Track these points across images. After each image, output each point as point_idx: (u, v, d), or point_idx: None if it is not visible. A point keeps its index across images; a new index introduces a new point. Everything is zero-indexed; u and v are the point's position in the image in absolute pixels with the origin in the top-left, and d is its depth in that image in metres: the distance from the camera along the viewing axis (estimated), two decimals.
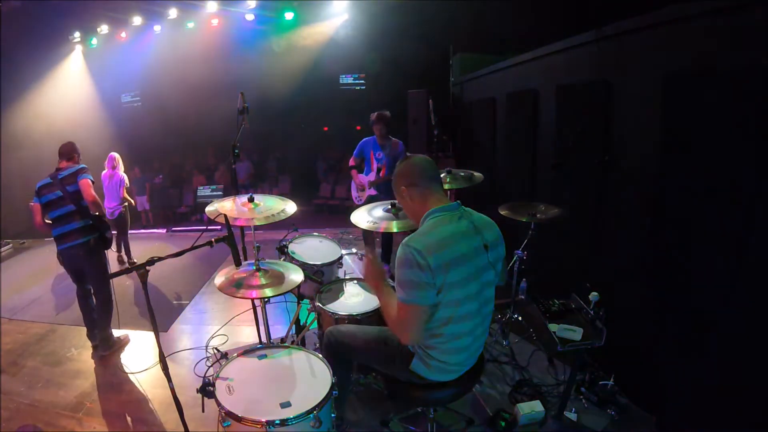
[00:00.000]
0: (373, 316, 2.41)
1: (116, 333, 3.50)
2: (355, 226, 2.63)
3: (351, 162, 4.39)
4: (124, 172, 5.42)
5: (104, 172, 5.33)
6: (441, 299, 1.56)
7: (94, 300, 3.36)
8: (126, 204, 5.36)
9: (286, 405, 1.70)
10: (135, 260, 5.68)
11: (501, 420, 2.42)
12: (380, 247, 4.55)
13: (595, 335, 2.25)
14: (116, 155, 5.39)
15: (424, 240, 1.55)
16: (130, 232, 5.70)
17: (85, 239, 3.12)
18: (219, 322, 3.78)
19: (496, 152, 4.85)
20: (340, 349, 1.97)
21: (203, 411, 1.78)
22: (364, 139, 4.27)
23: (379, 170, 4.15)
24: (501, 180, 4.50)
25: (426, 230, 1.61)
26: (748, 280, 1.88)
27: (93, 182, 3.20)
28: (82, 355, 3.39)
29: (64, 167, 3.23)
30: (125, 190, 5.33)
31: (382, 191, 4.15)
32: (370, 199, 4.13)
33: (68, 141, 3.40)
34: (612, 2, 2.91)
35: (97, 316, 3.33)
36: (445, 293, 1.55)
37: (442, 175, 2.73)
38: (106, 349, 3.34)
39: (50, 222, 3.17)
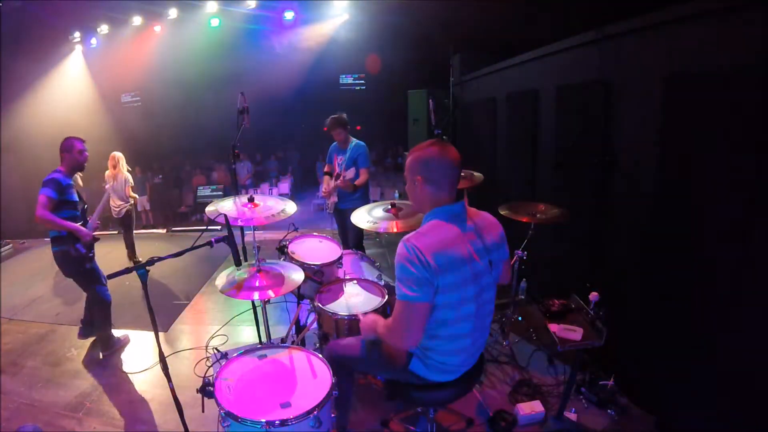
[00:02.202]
0: None
1: (117, 333, 3.50)
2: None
3: (326, 168, 4.18)
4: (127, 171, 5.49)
5: (107, 171, 5.42)
6: (438, 300, 1.56)
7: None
8: (132, 202, 5.44)
9: (286, 405, 1.70)
10: (140, 258, 5.72)
11: (501, 420, 2.42)
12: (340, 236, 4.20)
13: (595, 335, 2.25)
14: (117, 154, 5.45)
15: (425, 239, 1.54)
16: (134, 232, 5.80)
17: (59, 248, 3.04)
18: (219, 322, 3.78)
19: (496, 152, 4.84)
20: (341, 362, 1.97)
21: (203, 411, 1.78)
22: (333, 144, 4.06)
23: (338, 176, 3.89)
24: (501, 180, 4.50)
25: (427, 230, 1.60)
26: (749, 279, 1.88)
27: (53, 198, 2.93)
28: (82, 355, 3.39)
29: (51, 173, 3.08)
30: (130, 189, 5.40)
31: (343, 199, 3.91)
32: (335, 208, 3.97)
33: (67, 136, 3.30)
34: (612, 2, 2.91)
35: (93, 318, 3.33)
36: (443, 294, 1.54)
37: None
38: (106, 349, 3.34)
39: None
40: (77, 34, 8.66)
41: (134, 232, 5.84)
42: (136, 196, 5.58)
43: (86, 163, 3.31)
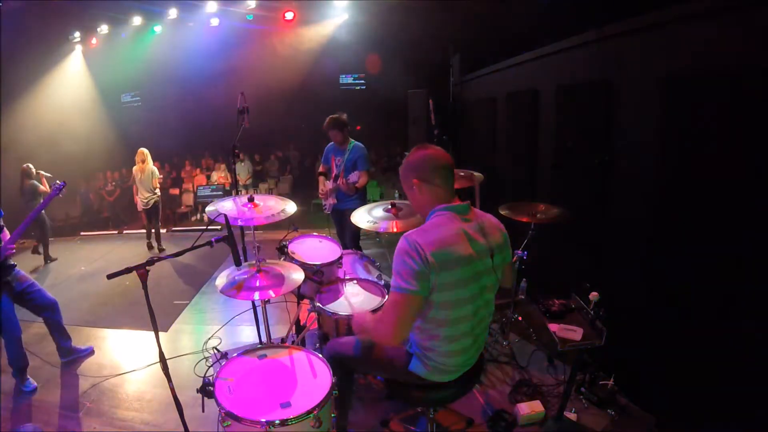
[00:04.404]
0: None
1: (116, 334, 3.46)
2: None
3: (321, 168, 4.10)
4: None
5: (135, 166, 5.82)
6: (436, 299, 1.55)
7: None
8: (158, 194, 5.89)
9: (286, 405, 1.70)
10: (164, 247, 6.13)
11: (501, 420, 2.42)
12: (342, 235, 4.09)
13: (595, 335, 2.25)
14: (144, 150, 5.85)
15: (425, 236, 1.54)
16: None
17: None
18: (219, 322, 3.78)
19: (496, 152, 4.85)
20: (341, 361, 1.97)
21: (203, 411, 1.78)
22: (329, 144, 3.97)
23: (336, 177, 3.81)
24: (501, 180, 4.50)
25: (428, 227, 1.59)
26: (749, 279, 1.88)
27: None
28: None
29: None
30: (156, 180, 5.84)
31: (342, 200, 3.86)
32: (333, 209, 3.93)
33: None
34: (612, 2, 2.91)
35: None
36: (441, 293, 1.54)
37: None
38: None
39: None
40: (77, 34, 8.66)
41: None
42: (157, 186, 5.99)
43: None
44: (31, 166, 5.70)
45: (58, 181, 3.10)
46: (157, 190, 5.88)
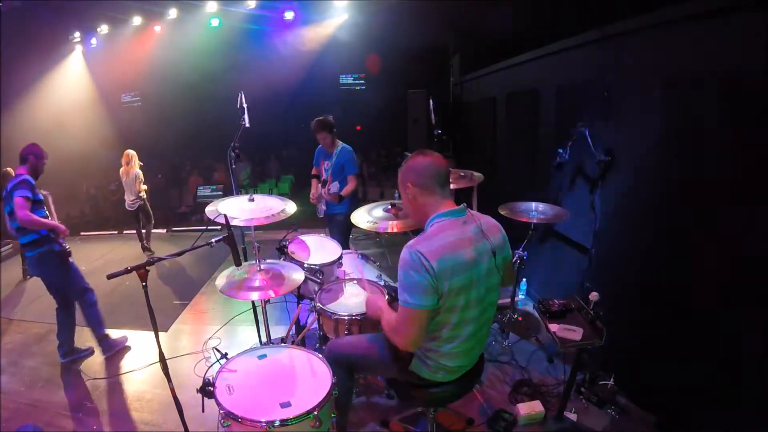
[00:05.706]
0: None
1: (115, 334, 3.48)
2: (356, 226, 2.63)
3: (313, 171, 4.01)
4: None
5: (121, 168, 5.76)
6: (443, 304, 1.55)
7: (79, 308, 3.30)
8: (143, 196, 5.78)
9: (286, 405, 1.70)
10: (152, 250, 6.06)
11: (501, 420, 2.42)
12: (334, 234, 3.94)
13: (595, 335, 2.25)
14: (130, 152, 5.76)
15: (429, 244, 1.53)
16: (134, 231, 6.08)
17: (38, 251, 2.97)
18: (219, 322, 3.78)
19: (496, 152, 4.85)
20: (341, 361, 1.97)
21: (203, 411, 1.78)
22: (319, 147, 3.87)
23: (324, 183, 3.73)
24: (501, 180, 4.50)
25: (431, 234, 1.58)
26: (748, 279, 1.88)
27: (30, 198, 2.87)
28: None
29: (15, 176, 3.02)
30: (140, 184, 5.72)
31: (330, 205, 3.76)
32: (325, 214, 3.86)
33: (32, 143, 3.15)
34: (612, 2, 2.91)
35: (87, 323, 3.29)
36: (448, 299, 1.54)
37: None
38: (105, 351, 3.33)
39: None
40: (77, 34, 8.65)
41: (133, 232, 5.99)
42: (146, 188, 5.85)
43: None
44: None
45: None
46: (142, 194, 5.73)
